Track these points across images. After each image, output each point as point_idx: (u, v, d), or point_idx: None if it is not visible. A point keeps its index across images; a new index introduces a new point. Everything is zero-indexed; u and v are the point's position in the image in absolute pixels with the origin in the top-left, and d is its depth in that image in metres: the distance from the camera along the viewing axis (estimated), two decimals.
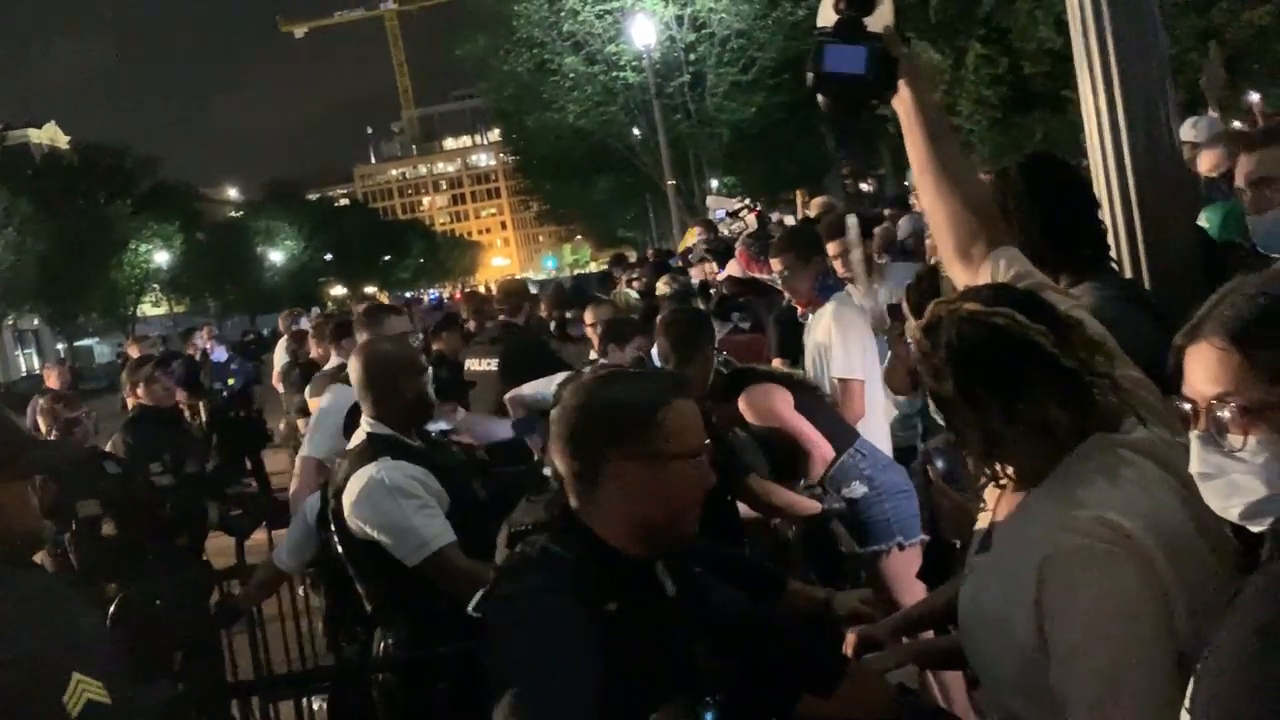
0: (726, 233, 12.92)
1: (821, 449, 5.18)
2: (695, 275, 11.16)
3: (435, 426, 5.18)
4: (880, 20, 2.85)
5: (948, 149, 2.88)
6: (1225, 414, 1.69)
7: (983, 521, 2.45)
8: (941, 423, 2.42)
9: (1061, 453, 2.17)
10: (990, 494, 2.40)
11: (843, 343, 5.59)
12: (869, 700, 2.78)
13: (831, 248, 6.28)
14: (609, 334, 6.39)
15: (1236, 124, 11.40)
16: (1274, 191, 3.37)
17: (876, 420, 5.72)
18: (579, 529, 2.46)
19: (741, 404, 5.25)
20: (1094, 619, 2.02)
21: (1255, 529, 1.75)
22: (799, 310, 6.10)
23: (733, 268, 9.30)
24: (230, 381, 14.72)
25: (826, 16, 2.88)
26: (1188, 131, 8.10)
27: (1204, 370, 1.73)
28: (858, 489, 5.17)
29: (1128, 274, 3.67)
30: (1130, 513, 2.05)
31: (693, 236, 16.35)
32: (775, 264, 6.16)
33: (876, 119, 30.55)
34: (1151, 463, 2.12)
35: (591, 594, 2.35)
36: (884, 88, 2.84)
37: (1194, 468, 1.78)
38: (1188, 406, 1.77)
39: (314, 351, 9.87)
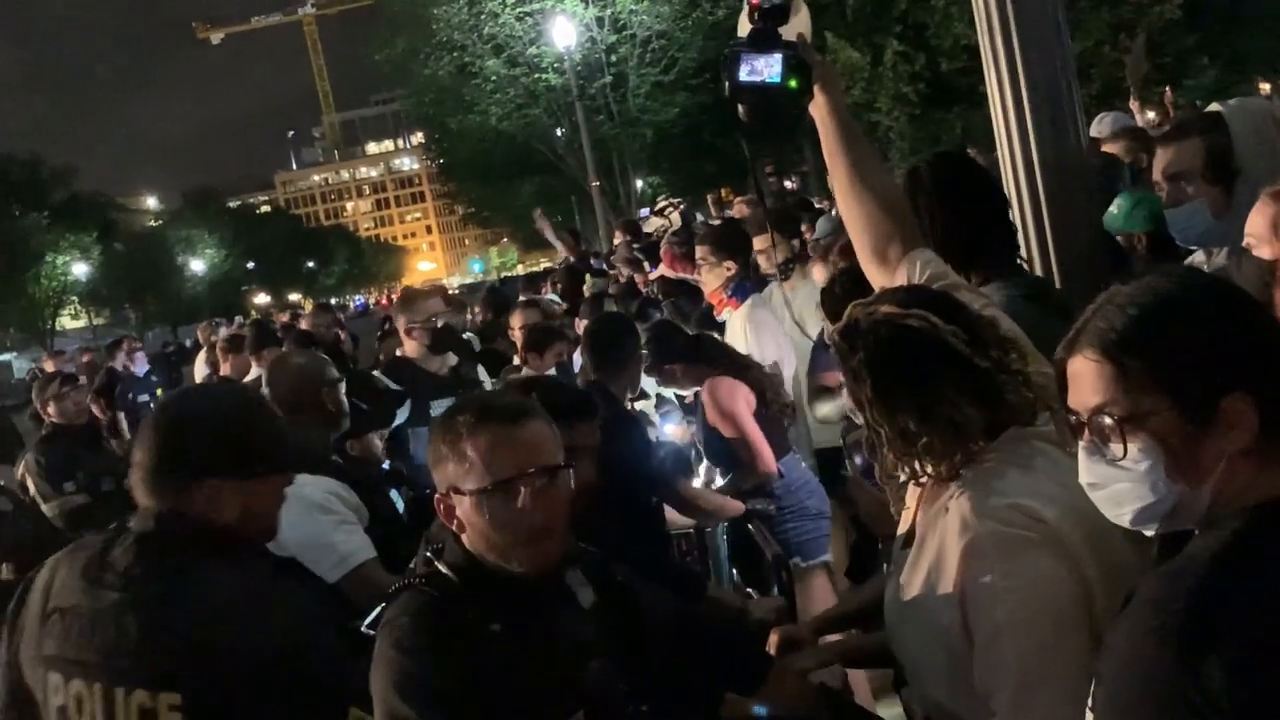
0: (652, 231, 12.92)
1: (766, 462, 5.18)
2: (622, 277, 11.15)
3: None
4: (795, 28, 2.92)
5: (862, 152, 2.94)
6: (1105, 424, 1.73)
7: (905, 518, 2.48)
8: (859, 423, 2.44)
9: (975, 448, 2.22)
10: (911, 492, 2.44)
11: (757, 344, 5.60)
12: (791, 699, 2.78)
13: (757, 243, 6.31)
14: (527, 342, 6.36)
15: (1151, 114, 11.57)
16: (1187, 184, 3.43)
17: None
18: (467, 550, 2.43)
19: (705, 393, 5.25)
20: (1014, 605, 2.05)
21: (1149, 533, 1.78)
22: (715, 310, 6.11)
23: (663, 269, 9.31)
24: (146, 397, 14.45)
25: (744, 27, 2.94)
26: (1096, 128, 8.24)
27: (1082, 382, 1.76)
28: (763, 507, 5.17)
29: (1037, 269, 3.72)
30: (1046, 500, 2.10)
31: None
32: (697, 255, 6.19)
33: (795, 118, 30.59)
34: (1064, 453, 2.14)
35: (474, 616, 2.33)
36: (799, 94, 2.87)
37: (1083, 478, 1.82)
38: (1072, 418, 1.79)
39: (223, 368, 9.68)
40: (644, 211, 14.73)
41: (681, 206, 14.33)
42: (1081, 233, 3.77)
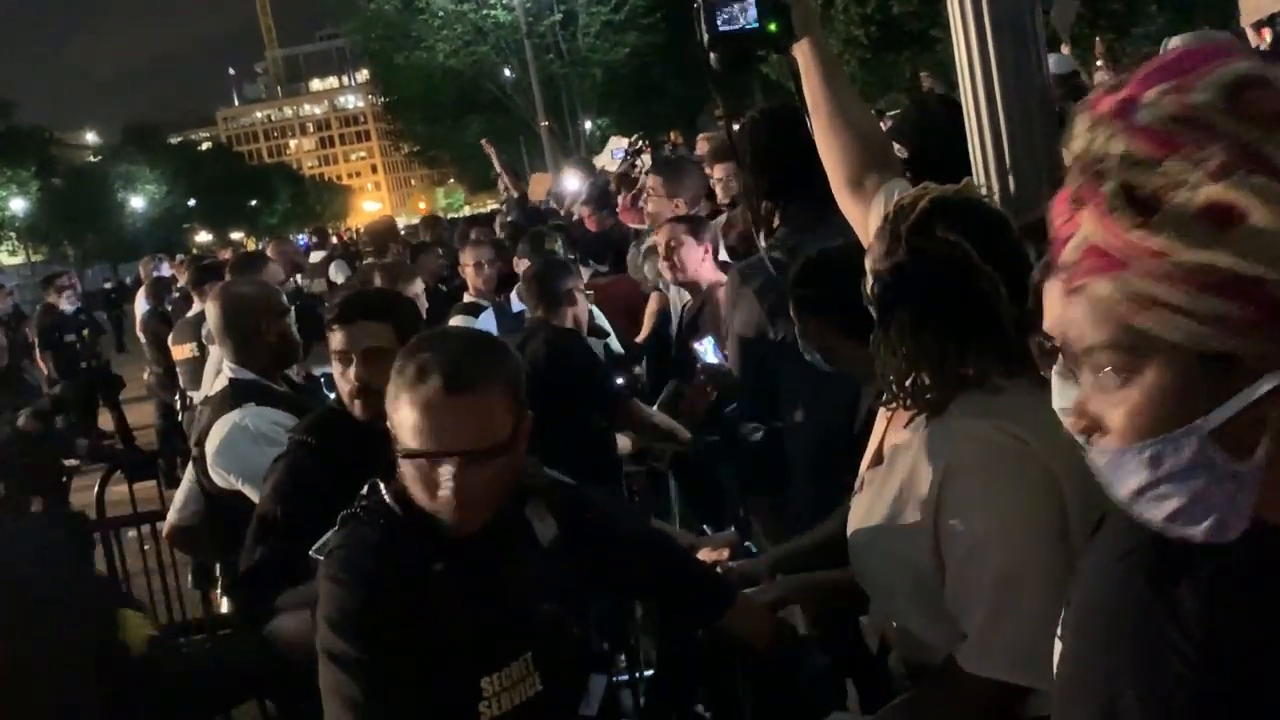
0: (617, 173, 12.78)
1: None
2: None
3: (321, 369, 5.05)
4: None
5: (841, 85, 2.89)
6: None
7: (876, 437, 2.45)
8: None
9: (969, 386, 2.17)
10: (880, 415, 2.42)
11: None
12: (755, 632, 2.77)
13: (718, 170, 6.25)
14: None
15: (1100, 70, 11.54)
16: None
17: None
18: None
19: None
20: (993, 523, 2.05)
21: None
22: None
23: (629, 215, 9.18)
24: (72, 336, 14.24)
25: None
26: (1053, 65, 8.22)
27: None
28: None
29: (995, 201, 3.67)
30: (1030, 428, 2.06)
31: (538, 185, 16.18)
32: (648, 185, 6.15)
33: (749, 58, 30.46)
34: (1045, 381, 2.13)
35: (416, 552, 2.28)
36: (779, 37, 2.81)
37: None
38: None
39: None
40: (617, 152, 14.56)
41: (650, 146, 14.14)
42: (1040, 167, 3.73)
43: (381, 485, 2.37)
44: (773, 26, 2.80)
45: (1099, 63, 11.43)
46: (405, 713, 2.20)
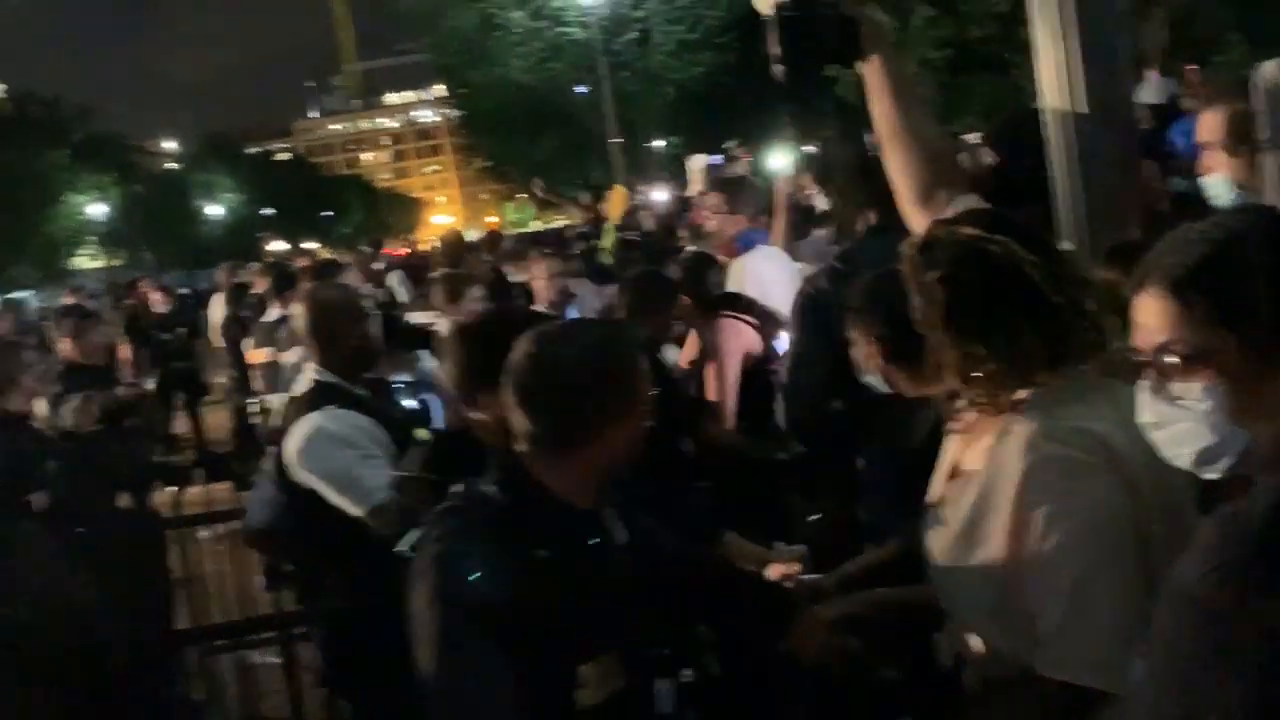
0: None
1: (727, 408, 5.18)
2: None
3: (400, 377, 5.13)
4: None
5: (910, 103, 2.96)
6: (1168, 362, 1.71)
7: (949, 452, 2.45)
8: None
9: (1033, 381, 2.19)
10: (952, 433, 2.44)
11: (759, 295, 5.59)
12: (814, 650, 2.78)
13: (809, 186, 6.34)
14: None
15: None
16: (1212, 154, 3.43)
17: None
18: (523, 478, 2.41)
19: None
20: (1073, 526, 2.05)
21: (1208, 475, 1.75)
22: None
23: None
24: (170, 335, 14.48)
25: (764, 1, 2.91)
26: (1145, 91, 8.20)
27: (1148, 319, 1.74)
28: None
29: (1069, 221, 3.66)
30: (1109, 427, 2.08)
31: (620, 200, 16.25)
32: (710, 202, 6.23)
33: (822, 79, 30.41)
34: (1124, 386, 2.12)
35: (522, 539, 2.32)
36: (851, 54, 2.86)
37: (1144, 418, 1.79)
38: (1138, 356, 1.77)
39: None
40: (716, 159, 14.59)
41: (749, 153, 14.07)
42: (1120, 187, 3.71)
43: (479, 480, 2.42)
44: (842, 44, 2.86)
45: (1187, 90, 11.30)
46: (511, 697, 2.23)
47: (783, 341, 5.13)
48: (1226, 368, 1.66)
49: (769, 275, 5.78)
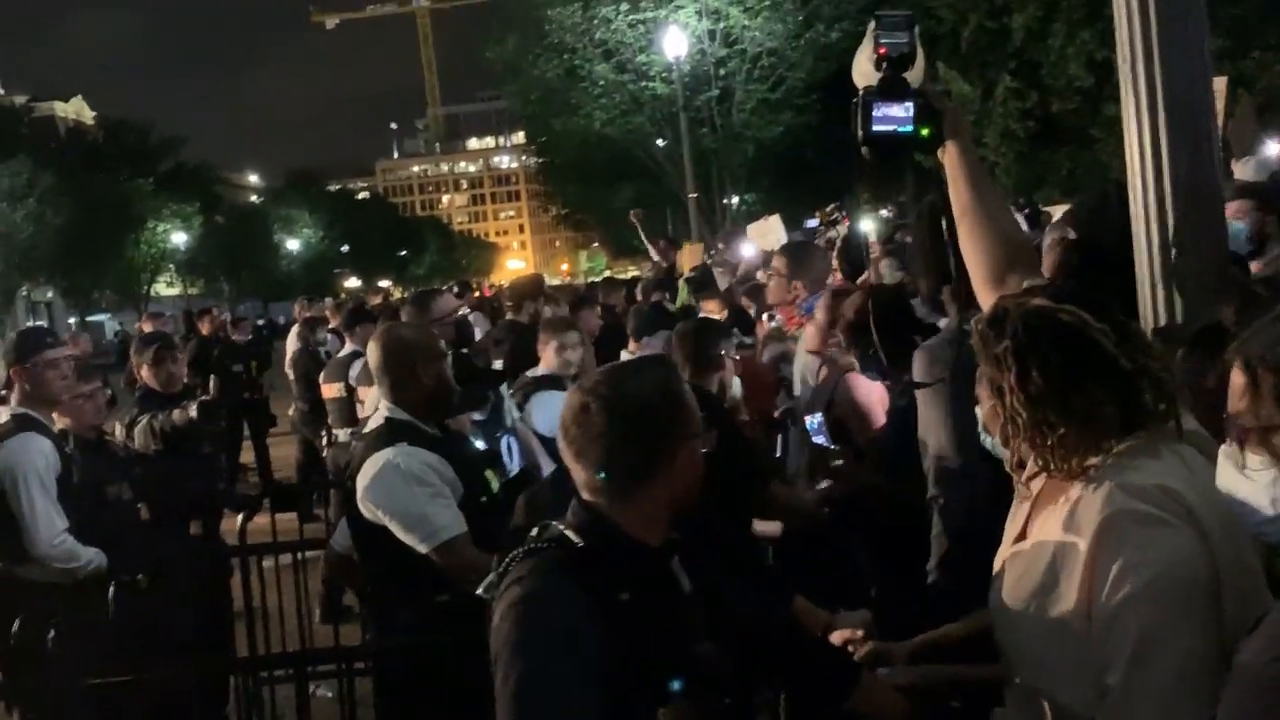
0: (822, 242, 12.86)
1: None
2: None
3: (477, 416, 5.17)
4: (916, 75, 3.06)
5: (986, 188, 3.07)
6: (1242, 432, 1.80)
7: (1018, 517, 2.46)
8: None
9: (1106, 446, 2.23)
10: (1021, 495, 2.46)
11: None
12: (882, 711, 2.76)
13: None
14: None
15: None
16: None
17: None
18: (597, 517, 2.44)
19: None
20: (1145, 579, 2.06)
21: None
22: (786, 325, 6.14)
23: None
24: (239, 367, 14.73)
25: (866, 74, 3.06)
26: (1240, 168, 8.13)
27: (1231, 390, 1.80)
28: None
29: (1159, 295, 3.64)
30: (1184, 485, 2.11)
31: (690, 256, 16.31)
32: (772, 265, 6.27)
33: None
34: (1194, 449, 2.20)
35: (604, 582, 2.34)
36: (932, 141, 3.02)
37: (1220, 482, 1.84)
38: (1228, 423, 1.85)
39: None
40: (811, 222, 14.71)
41: (846, 215, 14.11)
42: (1210, 263, 3.69)
43: (556, 523, 2.46)
44: (925, 131, 3.01)
45: None
46: None
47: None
48: None
49: None
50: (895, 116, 2.99)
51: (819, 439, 5.13)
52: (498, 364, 8.13)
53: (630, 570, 2.38)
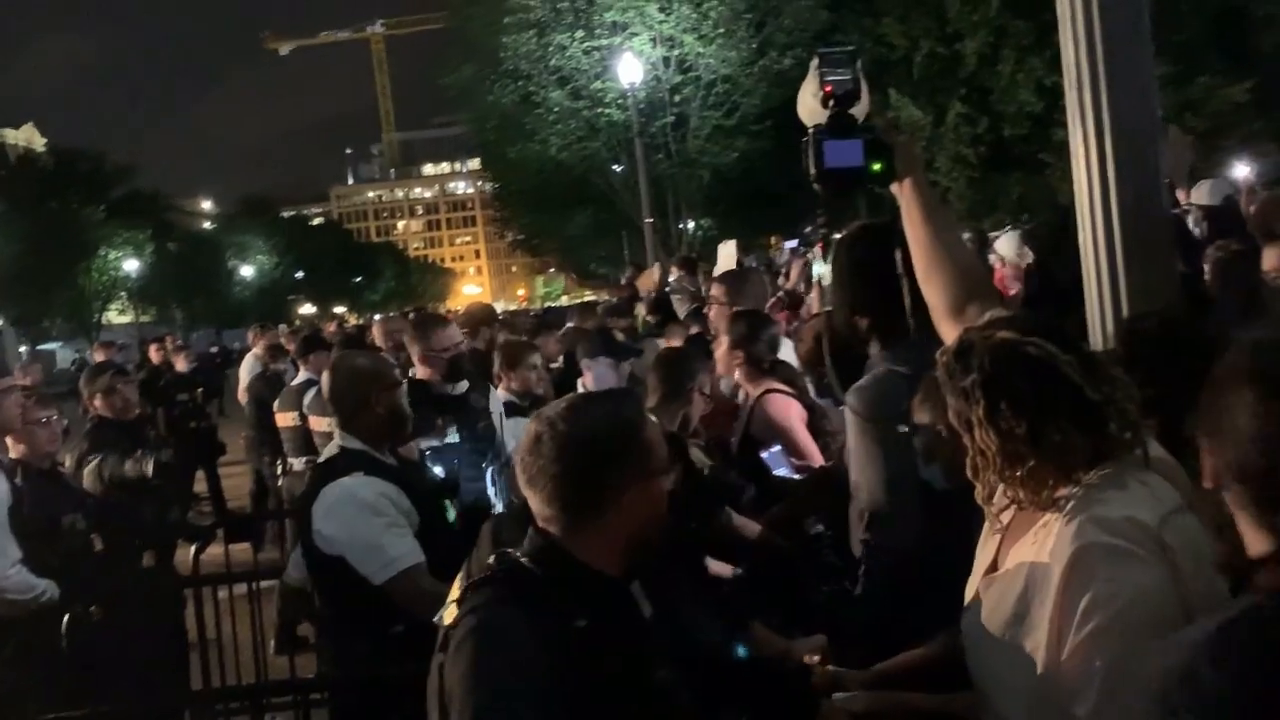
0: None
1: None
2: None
3: (427, 443, 5.12)
4: (862, 109, 3.09)
5: (942, 223, 3.09)
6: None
7: (988, 550, 2.48)
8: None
9: (1075, 477, 2.24)
10: (990, 526, 2.48)
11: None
12: None
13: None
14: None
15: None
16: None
17: None
18: (551, 546, 2.43)
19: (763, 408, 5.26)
20: (1114, 612, 2.08)
21: None
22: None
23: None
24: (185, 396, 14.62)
25: (811, 111, 3.10)
26: (1195, 192, 8.26)
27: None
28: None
29: (1108, 324, 3.68)
30: (1155, 516, 2.13)
31: (650, 277, 16.36)
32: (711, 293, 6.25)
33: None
34: (1161, 478, 2.22)
35: (560, 611, 2.33)
36: (885, 176, 3.04)
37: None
38: None
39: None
40: (790, 244, 14.76)
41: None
42: (1161, 290, 3.73)
43: (513, 552, 2.45)
44: (876, 166, 3.03)
45: None
46: None
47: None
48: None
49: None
50: (846, 153, 3.01)
51: (780, 471, 5.11)
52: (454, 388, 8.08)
53: (587, 598, 2.37)
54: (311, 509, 4.10)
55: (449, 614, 2.42)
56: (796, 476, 5.14)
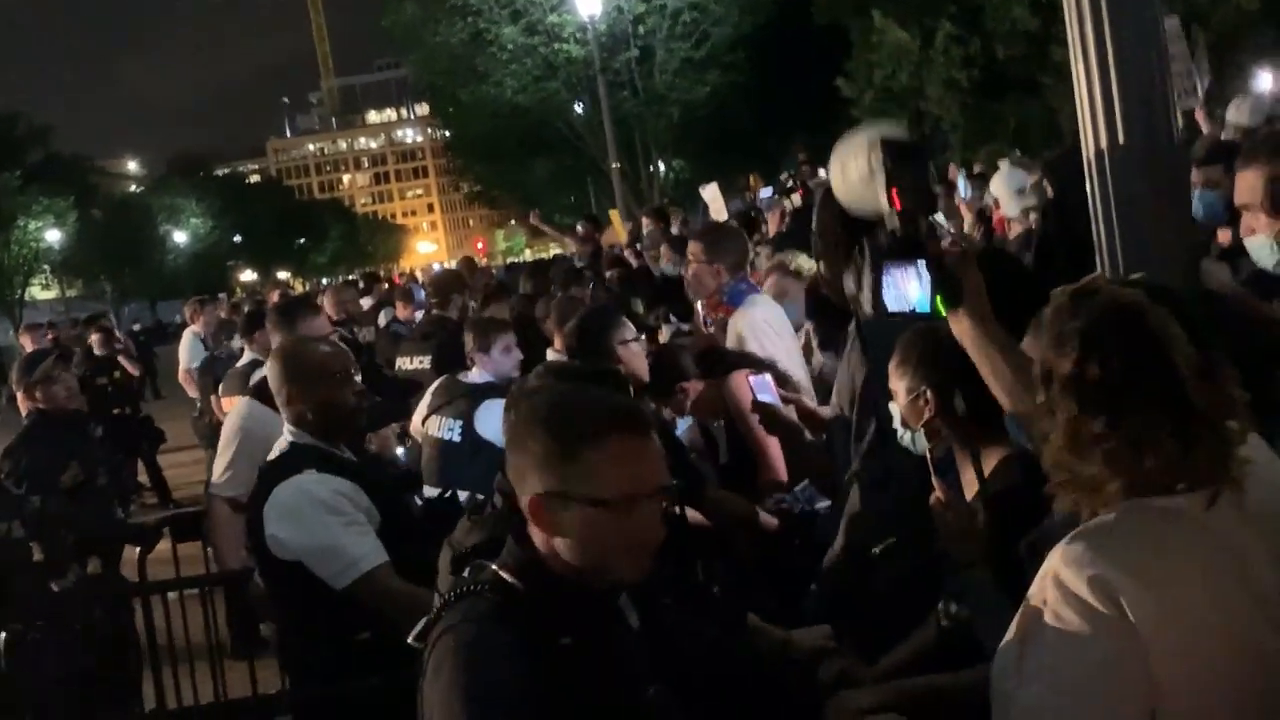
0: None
1: (775, 469, 5.20)
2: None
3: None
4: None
5: (1001, 342, 2.80)
6: None
7: None
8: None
9: (1144, 487, 2.09)
10: None
11: (758, 350, 5.58)
12: None
13: None
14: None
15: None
16: (1252, 216, 3.45)
17: None
18: (535, 558, 2.42)
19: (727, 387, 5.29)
20: (1049, 686, 2.01)
21: None
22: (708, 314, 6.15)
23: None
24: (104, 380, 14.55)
25: (859, 196, 2.96)
26: (1233, 111, 8.25)
27: None
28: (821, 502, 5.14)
29: (1115, 265, 3.67)
30: (1147, 585, 1.99)
31: (619, 225, 16.31)
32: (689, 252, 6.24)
33: (837, 102, 30.64)
34: (1214, 541, 2.06)
35: (544, 627, 2.33)
36: (950, 307, 2.76)
37: None
38: None
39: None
40: (766, 192, 14.69)
41: (803, 186, 14.04)
42: (1169, 229, 3.72)
43: (491, 563, 2.44)
44: (941, 302, 2.75)
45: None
46: None
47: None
48: None
49: (773, 328, 5.76)
50: (908, 287, 2.76)
51: (765, 397, 5.10)
52: (424, 361, 8.08)
53: (571, 612, 2.37)
54: (262, 511, 4.07)
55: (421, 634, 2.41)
56: (782, 405, 5.16)
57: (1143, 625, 1.95)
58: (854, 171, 2.88)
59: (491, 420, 5.60)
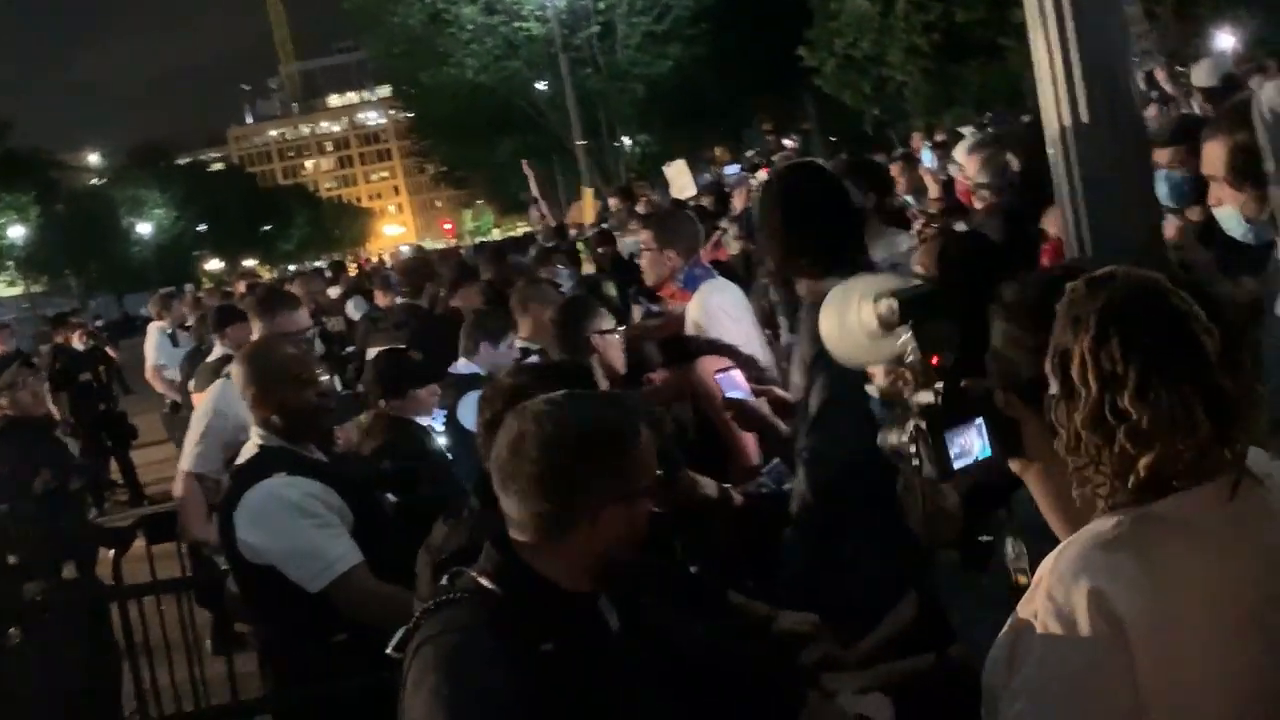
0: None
1: (746, 455, 5.21)
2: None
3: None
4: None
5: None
6: None
7: None
8: None
9: (1176, 480, 1.97)
10: None
11: (717, 335, 5.57)
12: None
13: None
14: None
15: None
16: (1218, 187, 3.46)
17: None
18: (515, 563, 2.41)
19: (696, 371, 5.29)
20: (1039, 694, 1.95)
21: None
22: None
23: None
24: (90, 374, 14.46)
25: (855, 345, 2.73)
26: (1197, 73, 8.25)
27: None
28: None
29: (1079, 248, 3.68)
30: (1141, 596, 1.93)
31: (590, 204, 16.27)
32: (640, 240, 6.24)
33: (800, 70, 30.64)
34: (1217, 550, 1.97)
35: (525, 634, 2.33)
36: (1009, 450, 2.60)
37: None
38: None
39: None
40: (732, 169, 14.68)
41: (768, 164, 13.98)
42: (1133, 206, 3.72)
43: (470, 570, 2.44)
44: (1006, 450, 2.45)
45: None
46: None
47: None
48: None
49: (730, 313, 5.73)
50: (970, 444, 2.48)
51: (734, 394, 5.10)
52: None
53: (553, 618, 2.37)
54: (233, 516, 4.05)
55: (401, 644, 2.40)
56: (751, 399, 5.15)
57: (1139, 640, 1.90)
58: (857, 326, 2.69)
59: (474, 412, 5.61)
